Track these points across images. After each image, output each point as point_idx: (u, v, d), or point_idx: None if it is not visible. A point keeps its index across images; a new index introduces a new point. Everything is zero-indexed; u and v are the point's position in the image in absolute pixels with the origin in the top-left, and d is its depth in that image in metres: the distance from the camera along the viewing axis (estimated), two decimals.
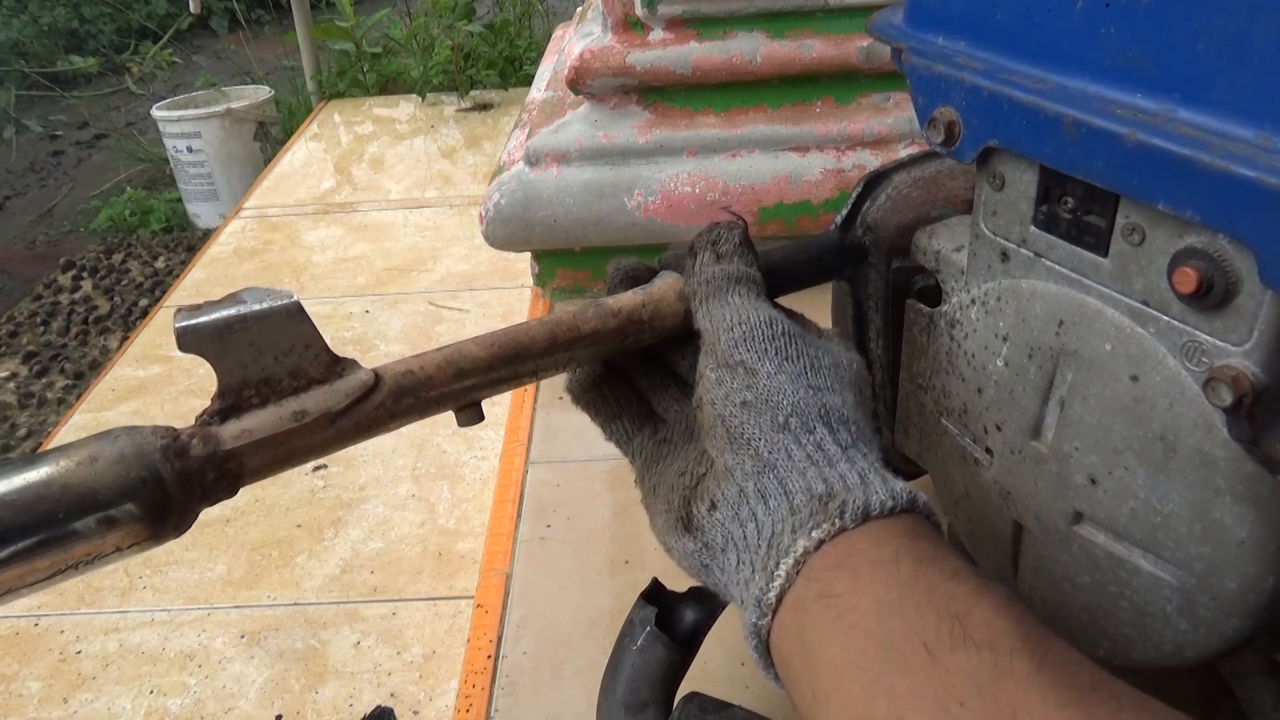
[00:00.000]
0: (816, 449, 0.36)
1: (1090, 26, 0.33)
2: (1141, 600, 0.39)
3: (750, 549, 0.35)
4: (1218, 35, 0.29)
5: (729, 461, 0.37)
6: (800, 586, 0.33)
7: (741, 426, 0.37)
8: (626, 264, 0.46)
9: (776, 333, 0.39)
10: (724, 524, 0.37)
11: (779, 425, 0.37)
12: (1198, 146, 0.29)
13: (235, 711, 0.78)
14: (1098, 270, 0.37)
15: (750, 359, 0.38)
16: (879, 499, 0.33)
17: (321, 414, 0.36)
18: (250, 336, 0.35)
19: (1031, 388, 0.41)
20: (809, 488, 0.35)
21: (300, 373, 0.36)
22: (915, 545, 0.32)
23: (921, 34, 0.41)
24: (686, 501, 0.39)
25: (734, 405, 0.37)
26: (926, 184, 0.50)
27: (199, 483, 0.33)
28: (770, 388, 0.37)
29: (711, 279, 0.42)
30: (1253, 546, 0.34)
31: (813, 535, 0.33)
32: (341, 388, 0.36)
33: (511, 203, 0.91)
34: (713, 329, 0.40)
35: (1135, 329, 0.36)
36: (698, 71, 0.88)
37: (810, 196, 0.90)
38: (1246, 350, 0.32)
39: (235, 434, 0.34)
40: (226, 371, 0.35)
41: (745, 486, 0.36)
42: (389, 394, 0.37)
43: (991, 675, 0.27)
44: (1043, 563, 0.44)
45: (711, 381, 0.39)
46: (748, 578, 0.35)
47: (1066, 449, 0.40)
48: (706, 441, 0.39)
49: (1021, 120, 0.35)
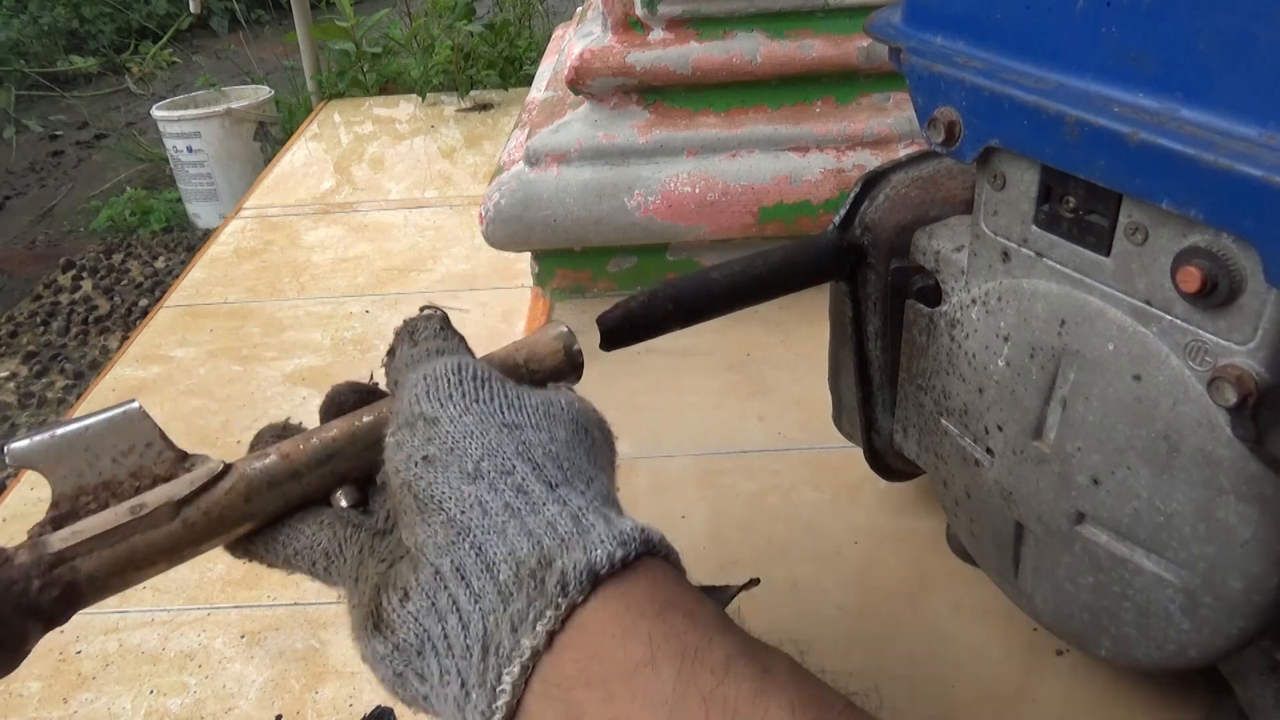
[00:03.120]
0: (516, 493, 0.30)
1: (1091, 26, 0.33)
2: (1144, 600, 0.39)
3: (456, 653, 0.28)
4: (1220, 34, 0.29)
5: (420, 536, 0.31)
6: (537, 707, 0.27)
7: (429, 487, 0.31)
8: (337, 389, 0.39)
9: (465, 376, 0.34)
10: (418, 618, 0.30)
11: (469, 475, 0.30)
12: (1201, 145, 0.29)
13: (235, 711, 0.78)
14: (1100, 270, 0.36)
15: (431, 409, 0.32)
16: (604, 550, 0.28)
17: (162, 504, 0.32)
18: (84, 442, 0.33)
19: (1033, 388, 0.41)
20: (513, 553, 0.28)
21: (143, 473, 0.33)
22: (668, 624, 0.26)
23: (920, 34, 0.41)
24: (377, 592, 0.32)
25: (416, 464, 0.31)
26: (925, 184, 0.50)
27: (25, 592, 0.30)
28: (455, 433, 0.31)
29: (410, 358, 0.36)
30: (1257, 546, 0.34)
31: (537, 630, 0.27)
32: (186, 478, 0.33)
33: (511, 203, 0.91)
34: (399, 395, 0.35)
35: (1138, 328, 0.35)
36: (698, 71, 0.88)
37: (810, 196, 0.89)
38: (1251, 349, 0.32)
39: (65, 536, 0.31)
40: (60, 480, 0.32)
41: (440, 565, 0.29)
42: (239, 478, 0.34)
43: None
44: (1044, 563, 0.44)
45: (392, 446, 0.33)
46: (458, 696, 0.28)
47: (1069, 449, 0.40)
48: (399, 520, 0.33)
49: (1023, 120, 0.35)
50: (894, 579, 0.60)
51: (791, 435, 0.76)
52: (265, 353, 1.26)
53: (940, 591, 0.58)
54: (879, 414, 0.55)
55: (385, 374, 0.38)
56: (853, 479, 0.68)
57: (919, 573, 0.60)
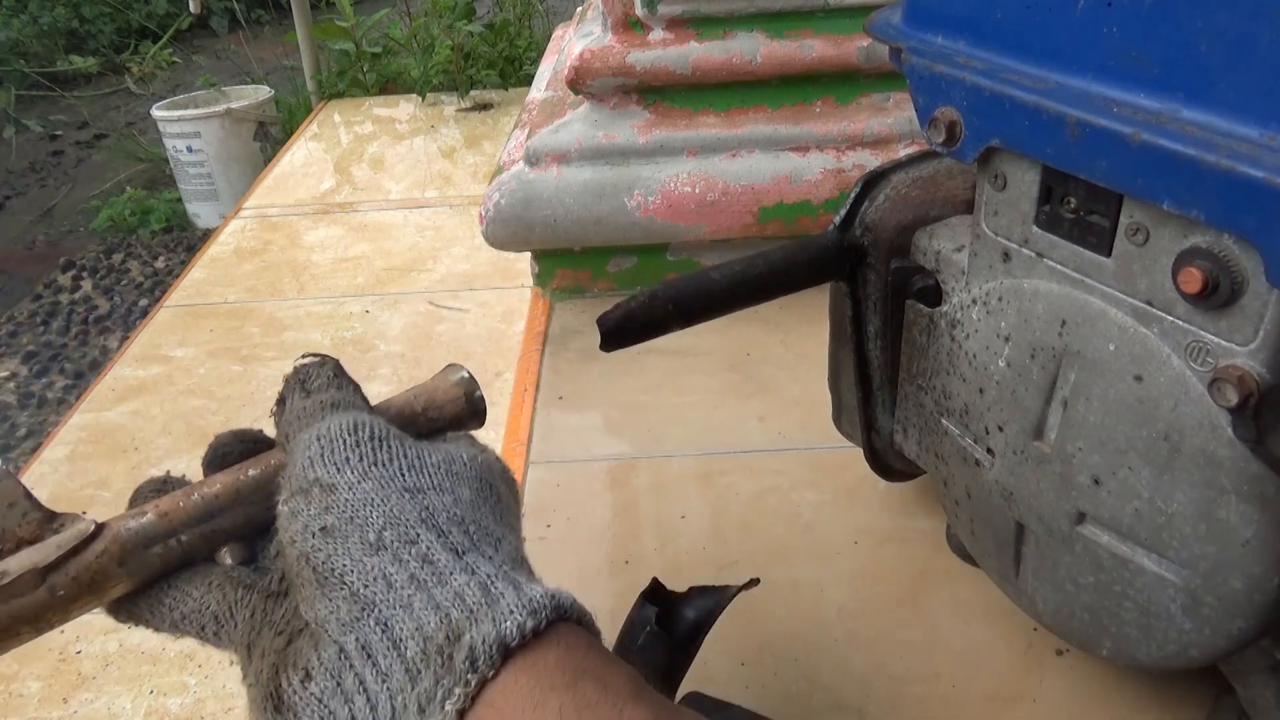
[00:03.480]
0: (422, 563, 0.29)
1: (1092, 26, 0.33)
2: (1146, 600, 0.39)
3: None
4: (1221, 34, 0.29)
5: (321, 612, 0.29)
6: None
7: (328, 559, 0.29)
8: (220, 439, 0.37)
9: (361, 438, 0.32)
10: (323, 700, 0.28)
11: (371, 546, 0.29)
12: (1203, 146, 0.29)
13: (235, 711, 0.78)
14: (1101, 270, 0.36)
15: (327, 474, 0.31)
16: (514, 621, 0.27)
17: (25, 571, 0.30)
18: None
19: (1034, 388, 0.41)
20: (420, 629, 0.27)
21: (5, 535, 0.31)
22: (579, 695, 0.26)
23: (921, 34, 0.41)
24: (275, 671, 0.30)
25: (313, 535, 0.30)
26: (925, 184, 0.49)
27: None
28: (354, 501, 0.30)
29: (301, 413, 0.34)
30: (1258, 546, 0.34)
31: (446, 709, 0.26)
32: (54, 541, 0.31)
33: (511, 203, 0.91)
34: (291, 457, 0.33)
35: (1139, 329, 0.35)
36: (698, 71, 0.88)
37: (810, 196, 0.89)
38: (1252, 350, 0.32)
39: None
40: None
41: (345, 643, 0.28)
42: (113, 540, 0.32)
43: None
44: (1045, 563, 0.43)
45: (286, 515, 0.31)
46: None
47: (1070, 449, 0.40)
48: (297, 594, 0.31)
49: (1024, 120, 0.35)
50: (894, 579, 0.60)
51: (791, 435, 0.76)
52: (265, 353, 1.26)
53: (940, 591, 0.58)
54: (879, 414, 0.55)
55: (275, 424, 0.36)
56: (853, 479, 0.68)
57: (919, 573, 0.60)
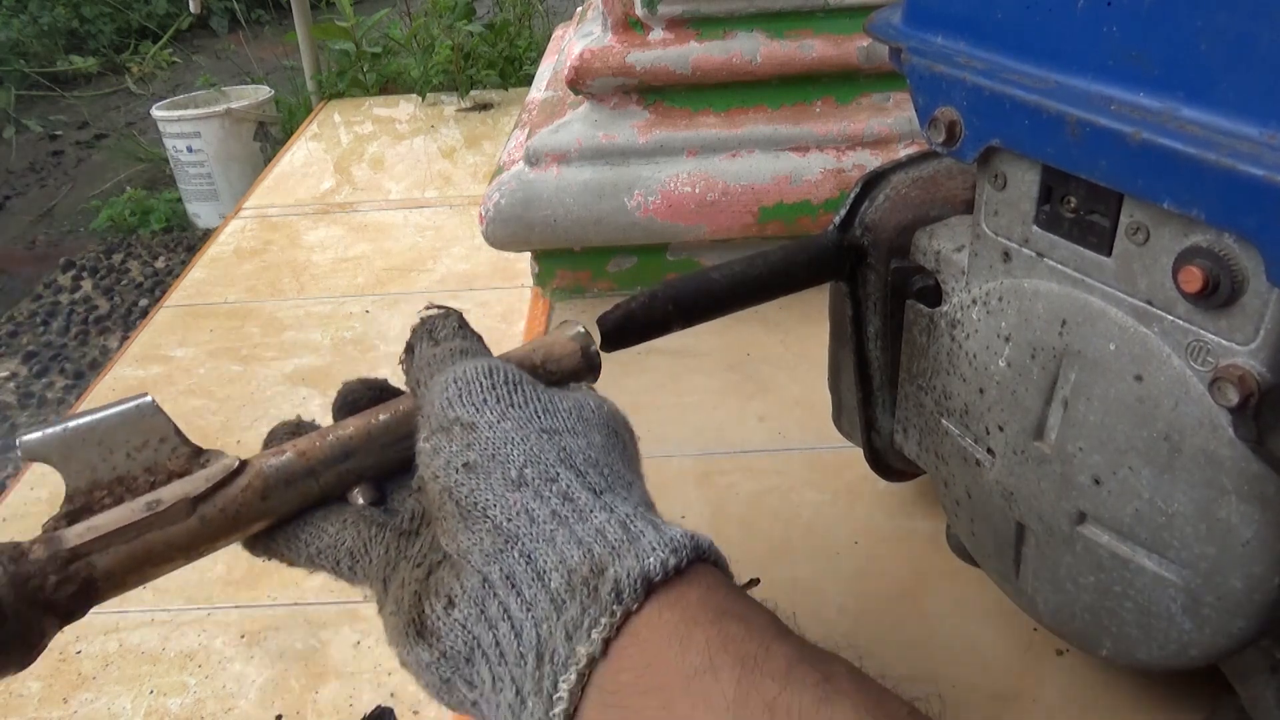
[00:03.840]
0: (562, 500, 0.30)
1: (1092, 25, 0.33)
2: (1146, 600, 0.39)
3: (509, 660, 0.28)
4: (1221, 33, 0.29)
5: (464, 543, 0.30)
6: (594, 714, 0.26)
7: (471, 494, 0.30)
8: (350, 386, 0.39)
9: (496, 381, 0.33)
10: (466, 625, 0.29)
11: (513, 482, 0.30)
12: (1203, 145, 0.29)
13: (235, 711, 0.78)
14: (1101, 270, 0.36)
15: (466, 414, 0.32)
16: (657, 557, 0.27)
17: (178, 501, 0.32)
18: (97, 436, 0.32)
19: (1034, 388, 0.41)
20: (564, 561, 0.28)
21: (157, 468, 0.33)
22: (724, 631, 0.26)
23: (921, 34, 0.41)
24: (418, 599, 0.31)
25: (457, 470, 0.31)
26: (925, 184, 0.49)
27: (40, 588, 0.29)
28: (495, 439, 0.31)
29: (431, 359, 0.36)
30: (1258, 546, 0.34)
31: (592, 637, 0.26)
32: (202, 474, 0.33)
33: (511, 203, 0.91)
34: (427, 397, 0.34)
35: (1139, 329, 0.35)
36: (698, 71, 0.88)
37: (810, 196, 0.89)
38: (1253, 349, 0.32)
39: (80, 532, 0.31)
40: (74, 474, 0.32)
41: (488, 573, 0.29)
42: (256, 475, 0.34)
43: None
44: (1046, 563, 0.43)
45: (428, 452, 0.32)
46: (513, 702, 0.28)
47: (1070, 449, 0.40)
48: (438, 527, 0.32)
49: (1024, 120, 0.35)
50: (894, 579, 0.60)
51: (791, 435, 0.76)
52: (265, 353, 1.26)
53: (940, 591, 0.58)
54: (879, 414, 0.55)
55: (404, 371, 0.38)
56: (853, 479, 0.68)
57: (919, 573, 0.60)
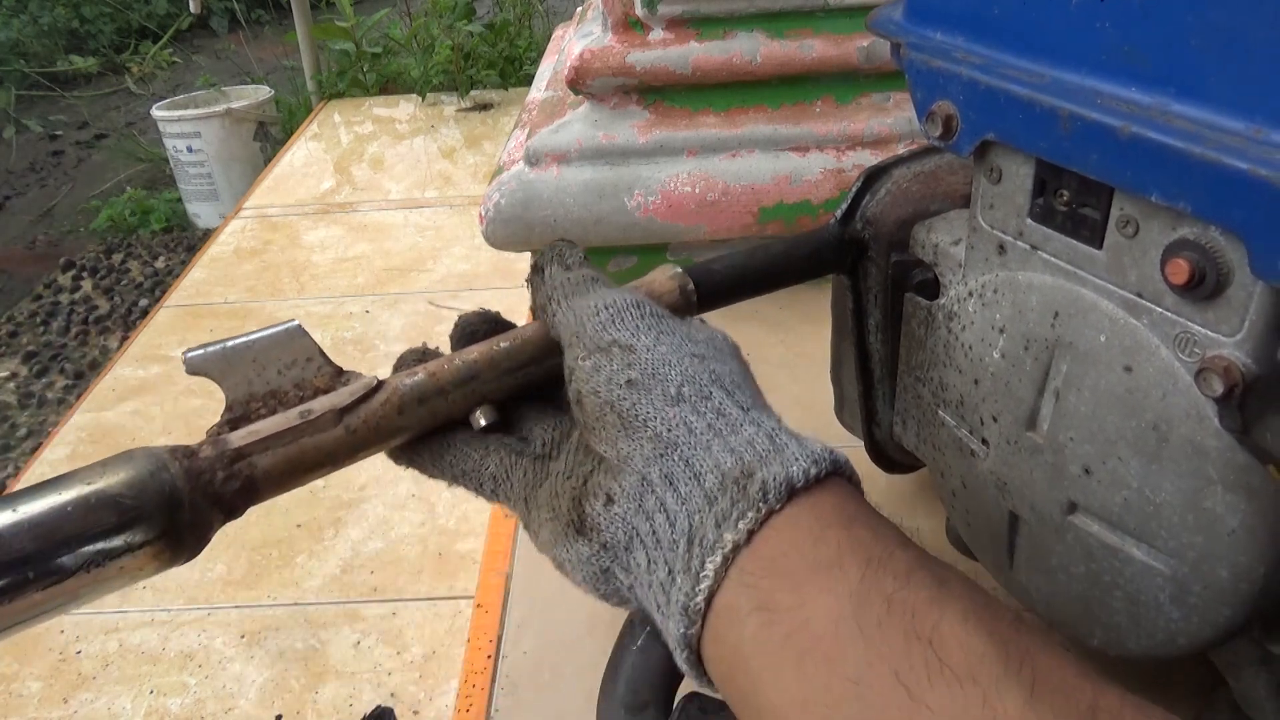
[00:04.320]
0: (717, 415, 0.33)
1: (1086, 21, 0.33)
2: (1135, 589, 0.39)
3: (663, 545, 0.32)
4: (1211, 29, 0.29)
5: (624, 449, 0.34)
6: (732, 591, 0.29)
7: (634, 407, 0.34)
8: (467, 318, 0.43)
9: (645, 311, 0.37)
10: (626, 518, 0.33)
11: (672, 398, 0.34)
12: (1190, 139, 0.29)
13: (235, 711, 0.78)
14: (1092, 262, 0.37)
15: (624, 336, 0.36)
16: (800, 467, 0.30)
17: (327, 411, 0.36)
18: (253, 354, 0.36)
19: (1027, 379, 0.41)
20: (718, 465, 0.31)
21: (305, 384, 0.37)
22: (854, 535, 0.29)
23: (920, 29, 0.41)
24: (577, 502, 0.35)
25: (619, 387, 0.34)
26: (926, 179, 0.50)
27: (211, 483, 0.33)
28: (654, 361, 0.35)
29: (566, 282, 0.39)
30: (1244, 535, 0.34)
31: (739, 527, 0.30)
32: (346, 390, 0.37)
33: (511, 203, 0.91)
34: (576, 320, 0.37)
35: (1129, 320, 0.36)
36: (698, 71, 0.88)
37: (810, 196, 0.90)
38: (1238, 341, 0.32)
39: (243, 434, 0.35)
40: (233, 387, 0.36)
41: (647, 473, 0.33)
42: (393, 392, 0.38)
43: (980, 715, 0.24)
44: (1038, 553, 0.44)
45: (588, 370, 0.35)
46: (664, 580, 0.32)
47: (1061, 439, 0.40)
48: (592, 437, 0.35)
49: (1018, 114, 0.36)
50: None
51: None
52: None
53: None
54: (879, 406, 0.56)
55: (532, 291, 0.41)
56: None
57: None
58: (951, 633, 0.26)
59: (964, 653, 0.25)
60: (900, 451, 0.56)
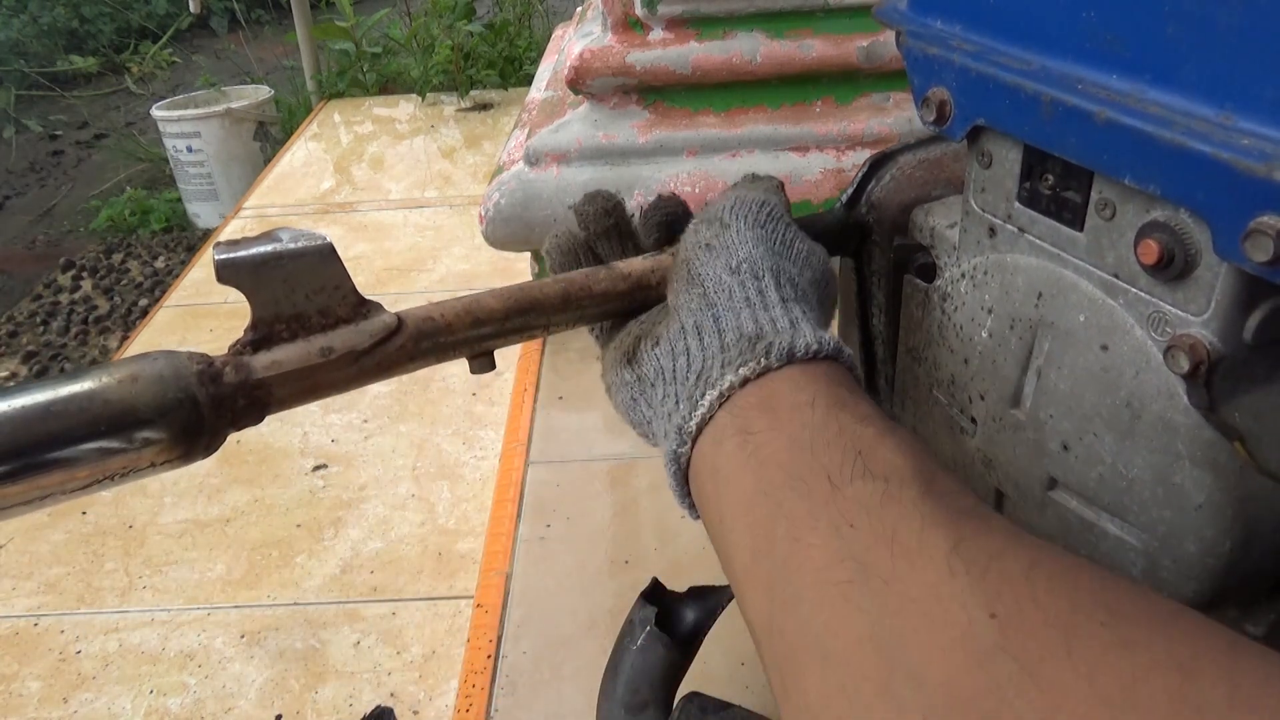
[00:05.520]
0: (758, 294, 0.39)
1: (1073, 9, 0.34)
2: (1109, 564, 0.40)
3: (679, 381, 0.38)
4: (1186, 17, 0.30)
5: (681, 300, 0.40)
6: (721, 420, 0.35)
7: (700, 266, 0.40)
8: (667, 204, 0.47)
9: (761, 208, 0.43)
10: (660, 358, 0.39)
11: (730, 268, 0.39)
12: (1160, 124, 0.30)
13: (235, 711, 0.78)
14: (1074, 244, 0.38)
15: (727, 217, 0.42)
16: (804, 343, 0.36)
17: (346, 352, 0.38)
18: (284, 274, 0.37)
19: (1012, 358, 0.42)
20: (740, 327, 0.37)
21: (329, 312, 0.38)
22: (832, 391, 0.34)
23: (921, 18, 0.43)
24: (637, 340, 0.42)
25: (699, 248, 0.41)
26: (930, 165, 0.51)
27: (230, 408, 0.35)
28: (734, 239, 0.41)
29: (740, 186, 0.46)
30: (1210, 510, 0.35)
31: (739, 371, 0.35)
32: (366, 329, 0.39)
33: (511, 202, 0.91)
34: (714, 201, 0.44)
35: (1106, 300, 0.37)
36: (698, 71, 0.88)
37: (810, 196, 0.90)
38: (1204, 320, 0.33)
39: (266, 365, 0.36)
40: (261, 305, 0.37)
41: (687, 323, 0.39)
42: (409, 337, 0.39)
43: (880, 501, 0.29)
44: (1022, 529, 0.45)
45: (691, 230, 0.43)
46: (671, 409, 0.37)
47: (1042, 416, 0.41)
48: (670, 286, 0.42)
49: (1005, 100, 0.37)
50: None
51: None
52: None
53: None
54: (882, 387, 0.56)
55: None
56: None
57: None
58: (882, 454, 0.31)
59: (885, 465, 0.31)
60: None
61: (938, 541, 0.27)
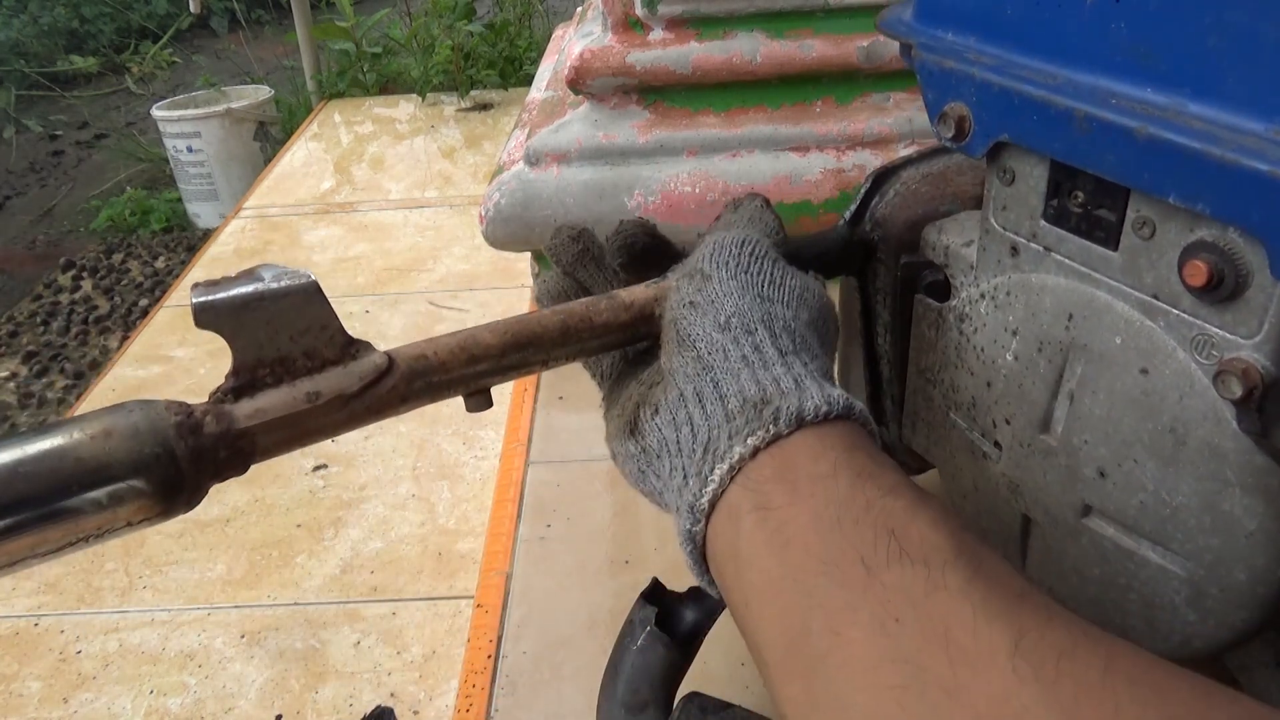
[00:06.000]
0: (753, 350, 0.36)
1: (1101, 21, 0.33)
2: (1150, 592, 0.39)
3: (685, 454, 0.36)
4: (1228, 29, 0.29)
5: (674, 364, 0.38)
6: (736, 494, 0.33)
7: (688, 327, 0.38)
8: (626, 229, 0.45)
9: (744, 251, 0.40)
10: (662, 429, 0.37)
11: (719, 325, 0.37)
12: (1209, 140, 0.29)
13: (235, 711, 0.78)
14: (1108, 264, 0.37)
15: (708, 268, 0.40)
16: (813, 404, 0.34)
17: (335, 396, 0.36)
18: (267, 315, 0.35)
19: (1041, 381, 0.41)
20: (742, 391, 0.35)
21: (315, 354, 0.36)
22: (852, 458, 0.32)
23: (931, 29, 0.41)
24: (637, 406, 0.39)
25: (684, 306, 0.39)
26: (935, 179, 0.50)
27: (211, 460, 0.33)
28: (719, 291, 0.38)
29: (721, 225, 0.44)
30: (1262, 538, 0.34)
31: (748, 442, 0.33)
32: (355, 370, 0.36)
33: (511, 203, 0.91)
34: (694, 248, 0.42)
35: (1145, 322, 0.36)
36: (698, 71, 0.88)
37: (810, 196, 0.89)
38: (1256, 343, 0.32)
39: (249, 413, 0.34)
40: (242, 349, 0.35)
41: (685, 390, 0.37)
42: (401, 378, 0.37)
43: (925, 589, 0.27)
44: (1051, 555, 0.44)
45: (673, 289, 0.41)
46: (680, 484, 0.35)
47: (1076, 442, 0.40)
48: (663, 350, 0.40)
49: (1032, 115, 0.35)
50: None
51: None
52: None
53: None
54: (888, 408, 0.55)
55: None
56: None
57: None
58: (917, 531, 0.29)
59: (922, 544, 0.28)
60: (908, 454, 0.56)
61: (997, 639, 0.25)
